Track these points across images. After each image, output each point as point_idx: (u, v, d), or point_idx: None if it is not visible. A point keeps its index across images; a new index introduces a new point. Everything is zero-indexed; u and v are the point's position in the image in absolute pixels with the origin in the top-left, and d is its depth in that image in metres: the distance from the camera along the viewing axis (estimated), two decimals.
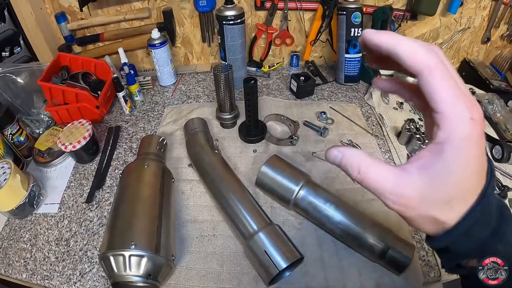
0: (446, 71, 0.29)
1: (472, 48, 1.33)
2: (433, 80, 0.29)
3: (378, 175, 0.32)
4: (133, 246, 0.57)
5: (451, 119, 0.29)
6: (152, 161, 0.78)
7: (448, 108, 0.29)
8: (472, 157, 0.30)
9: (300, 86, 1.12)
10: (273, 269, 0.60)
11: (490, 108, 1.09)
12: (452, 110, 0.29)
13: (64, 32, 1.17)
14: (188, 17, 1.19)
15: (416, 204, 0.31)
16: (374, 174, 0.32)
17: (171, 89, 1.23)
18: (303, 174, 0.75)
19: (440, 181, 0.30)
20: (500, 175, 0.88)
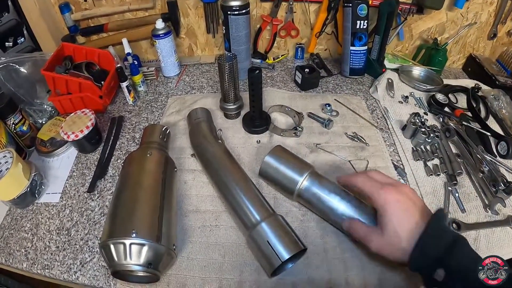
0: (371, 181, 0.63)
1: (478, 44, 1.32)
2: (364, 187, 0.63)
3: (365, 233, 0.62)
4: (134, 234, 0.57)
5: (374, 197, 0.60)
6: (154, 150, 0.77)
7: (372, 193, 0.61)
8: (395, 214, 0.57)
9: (305, 78, 1.11)
10: (275, 260, 0.59)
11: (496, 104, 1.08)
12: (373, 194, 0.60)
13: (68, 23, 1.17)
14: (193, 7, 1.18)
15: (381, 244, 0.58)
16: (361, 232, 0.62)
17: (175, 80, 1.22)
18: (307, 165, 0.74)
19: (385, 229, 0.57)
20: (505, 172, 0.87)
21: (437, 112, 1.04)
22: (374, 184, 0.61)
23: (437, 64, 1.23)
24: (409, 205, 0.58)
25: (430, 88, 1.13)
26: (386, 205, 0.58)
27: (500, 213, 0.77)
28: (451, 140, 0.94)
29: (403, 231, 0.55)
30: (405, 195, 0.59)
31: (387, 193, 0.59)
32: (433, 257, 0.52)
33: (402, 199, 0.58)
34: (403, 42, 1.31)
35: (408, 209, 0.57)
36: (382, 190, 0.59)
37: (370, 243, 0.60)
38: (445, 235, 0.54)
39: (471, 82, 1.21)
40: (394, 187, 0.60)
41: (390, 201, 0.58)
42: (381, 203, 0.59)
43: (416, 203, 0.59)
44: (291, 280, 0.64)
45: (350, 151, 0.90)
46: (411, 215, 0.57)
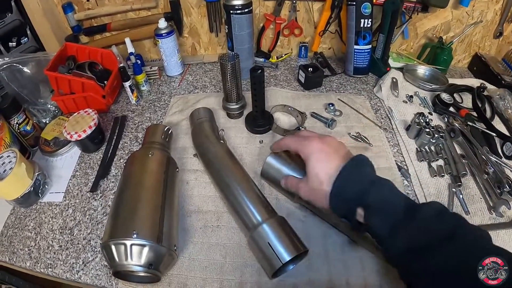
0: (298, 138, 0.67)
1: (484, 43, 1.30)
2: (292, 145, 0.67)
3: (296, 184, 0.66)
4: (135, 235, 0.57)
5: (300, 149, 0.64)
6: (156, 150, 0.77)
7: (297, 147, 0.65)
8: (317, 159, 0.61)
9: (308, 77, 1.11)
10: (276, 262, 0.59)
11: (502, 104, 1.07)
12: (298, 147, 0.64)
13: (71, 22, 1.17)
14: (196, 6, 1.17)
15: (307, 190, 0.63)
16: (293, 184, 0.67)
17: (178, 79, 1.22)
18: None
19: (310, 175, 0.61)
20: (510, 173, 0.86)
21: (442, 112, 1.03)
22: (300, 139, 0.65)
23: (442, 63, 1.22)
24: (330, 152, 0.61)
25: (435, 88, 1.12)
26: (310, 154, 0.62)
27: (505, 215, 0.76)
28: (455, 141, 0.93)
29: (324, 174, 0.59)
30: (328, 143, 0.63)
31: (310, 143, 0.63)
32: (350, 198, 0.56)
33: (325, 147, 0.62)
34: (407, 41, 1.29)
35: (329, 155, 0.61)
36: (306, 141, 0.64)
37: (300, 191, 0.65)
38: (362, 177, 0.58)
39: (476, 81, 1.19)
40: (318, 138, 0.64)
41: (313, 149, 0.62)
42: (306, 152, 0.62)
43: (339, 151, 0.62)
44: (292, 282, 0.64)
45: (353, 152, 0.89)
46: (331, 159, 0.60)
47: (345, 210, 0.58)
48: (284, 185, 0.70)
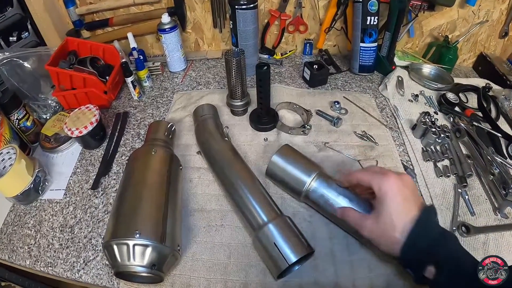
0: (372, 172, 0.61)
1: (490, 42, 1.29)
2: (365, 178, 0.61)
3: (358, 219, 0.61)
4: (137, 235, 0.56)
5: (375, 183, 0.58)
6: (159, 148, 0.76)
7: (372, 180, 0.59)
8: (395, 200, 0.55)
9: (313, 75, 1.09)
10: (282, 263, 0.58)
11: (507, 105, 1.07)
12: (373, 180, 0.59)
13: (73, 17, 1.16)
14: (199, 1, 1.16)
15: (374, 231, 0.58)
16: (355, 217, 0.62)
17: (181, 75, 1.21)
18: (315, 165, 0.72)
19: (380, 215, 0.56)
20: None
21: (447, 112, 1.02)
22: (375, 173, 0.60)
23: (448, 62, 1.21)
24: (408, 195, 0.57)
25: (440, 87, 1.11)
26: (386, 191, 0.57)
27: (510, 217, 0.76)
28: (461, 141, 0.92)
29: (399, 220, 0.55)
30: (406, 184, 0.58)
31: (390, 179, 0.57)
32: (423, 250, 0.53)
33: (403, 188, 0.57)
34: (413, 39, 1.28)
35: (408, 199, 0.56)
36: (384, 176, 0.58)
37: (363, 229, 0.60)
38: (434, 229, 0.55)
39: (482, 81, 1.19)
40: (395, 175, 0.58)
41: (392, 187, 0.57)
42: (383, 189, 0.57)
43: (415, 195, 0.58)
44: (298, 283, 0.63)
45: (359, 150, 0.89)
46: (409, 205, 0.56)
47: (415, 263, 0.55)
48: (340, 216, 0.65)
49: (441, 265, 0.51)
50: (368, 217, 0.59)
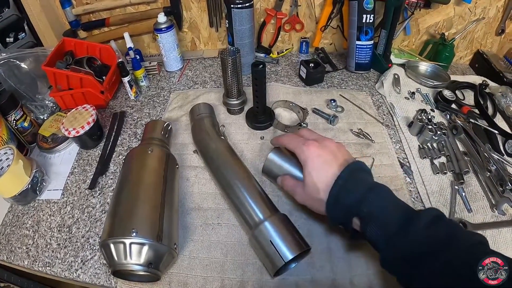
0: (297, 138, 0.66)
1: (486, 40, 1.30)
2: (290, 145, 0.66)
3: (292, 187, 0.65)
4: (134, 233, 0.56)
5: (298, 153, 0.63)
6: (156, 147, 0.76)
7: (295, 149, 0.64)
8: (314, 166, 0.59)
9: (309, 73, 1.10)
10: (278, 260, 0.58)
11: (503, 102, 1.07)
12: (296, 149, 0.63)
13: (69, 17, 1.15)
14: (196, 1, 1.16)
15: (304, 196, 0.62)
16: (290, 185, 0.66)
17: (178, 75, 1.21)
18: None
19: (306, 181, 0.60)
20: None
21: (444, 109, 1.02)
22: (299, 141, 0.64)
23: (444, 60, 1.21)
24: (328, 158, 0.60)
25: (437, 84, 1.11)
26: (307, 159, 0.61)
27: (507, 213, 0.76)
28: (458, 138, 0.92)
29: (320, 182, 0.58)
30: (327, 148, 0.61)
31: (309, 148, 0.61)
32: (346, 206, 0.55)
33: (322, 153, 0.60)
34: (409, 37, 1.29)
35: (327, 162, 0.59)
36: (304, 145, 0.62)
37: (295, 195, 0.65)
38: (359, 185, 0.56)
39: (478, 78, 1.19)
40: (316, 142, 0.62)
41: (311, 155, 0.60)
42: (303, 157, 0.61)
43: (337, 156, 0.61)
44: (295, 280, 0.63)
45: (355, 148, 0.89)
46: (329, 166, 0.59)
47: (342, 219, 0.57)
48: (280, 183, 0.69)
49: (364, 218, 0.54)
50: (299, 185, 0.63)
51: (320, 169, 0.59)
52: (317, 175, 0.59)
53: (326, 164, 0.59)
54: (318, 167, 0.59)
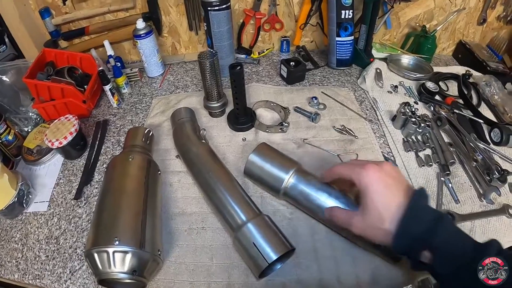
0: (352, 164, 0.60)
1: (468, 30, 1.30)
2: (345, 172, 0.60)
3: (346, 217, 0.60)
4: (117, 242, 0.56)
5: (355, 178, 0.57)
6: (137, 154, 0.76)
7: (352, 175, 0.58)
8: (377, 192, 0.54)
9: (290, 72, 1.10)
10: (262, 262, 0.58)
11: (488, 91, 1.08)
12: (353, 175, 0.58)
13: (49, 28, 1.15)
14: (174, 5, 1.16)
15: (363, 227, 0.56)
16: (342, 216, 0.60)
17: (159, 80, 1.20)
18: (293, 162, 0.72)
19: (366, 210, 0.55)
20: (499, 159, 0.86)
21: (427, 101, 1.03)
22: (355, 166, 0.59)
23: (427, 52, 1.22)
24: (390, 183, 0.55)
25: (419, 77, 1.11)
26: (368, 185, 0.55)
27: (496, 202, 0.76)
28: (442, 129, 0.93)
29: (385, 210, 0.53)
30: (387, 172, 0.56)
31: (368, 171, 0.55)
32: (416, 238, 0.51)
33: (383, 177, 0.55)
34: (390, 31, 1.29)
35: (390, 188, 0.55)
36: (362, 169, 0.56)
37: (352, 226, 0.58)
38: (427, 214, 0.52)
39: (461, 69, 1.19)
40: (375, 165, 0.57)
41: (371, 179, 0.55)
42: (363, 182, 0.56)
43: (399, 181, 0.56)
44: (281, 281, 0.63)
45: (338, 145, 0.89)
46: (393, 194, 0.54)
47: (409, 251, 0.53)
48: (327, 216, 0.64)
49: (436, 249, 0.50)
50: (355, 214, 0.58)
51: (384, 195, 0.54)
52: (382, 203, 0.54)
53: (389, 190, 0.54)
54: (382, 193, 0.54)
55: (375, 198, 0.54)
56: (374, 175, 0.55)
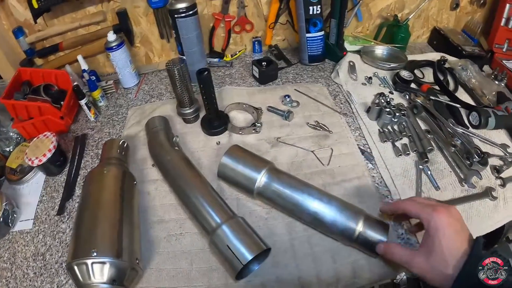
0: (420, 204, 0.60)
1: (441, 16, 1.31)
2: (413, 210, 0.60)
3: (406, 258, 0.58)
4: (94, 253, 0.57)
5: (424, 218, 0.57)
6: (112, 166, 0.77)
7: (421, 214, 0.58)
8: (447, 237, 0.53)
9: (262, 72, 1.11)
10: (237, 264, 0.59)
11: (464, 75, 1.08)
12: (423, 214, 0.58)
13: (24, 47, 1.15)
14: (143, 15, 1.16)
15: (426, 268, 0.55)
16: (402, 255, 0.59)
17: (135, 90, 1.21)
18: (264, 162, 0.74)
19: (432, 252, 0.54)
20: (479, 142, 0.87)
21: (402, 90, 1.04)
22: (425, 206, 0.59)
23: (401, 41, 1.23)
24: (459, 230, 0.55)
25: (394, 66, 1.12)
26: (438, 227, 0.55)
27: (478, 186, 0.77)
28: (419, 117, 0.93)
29: (451, 256, 0.53)
30: (456, 218, 0.56)
31: (440, 215, 0.55)
32: (475, 284, 0.50)
33: (454, 223, 0.55)
34: (362, 23, 1.30)
35: (459, 234, 0.55)
36: (434, 212, 0.56)
37: (412, 266, 0.58)
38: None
39: (437, 55, 1.20)
40: (445, 209, 0.57)
41: (443, 223, 0.55)
42: (433, 224, 0.55)
43: (464, 228, 0.56)
44: (260, 281, 0.64)
45: (313, 141, 0.90)
46: (460, 240, 0.54)
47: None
48: (382, 252, 0.63)
49: None
50: (417, 254, 0.57)
51: (454, 241, 0.54)
52: (449, 248, 0.54)
53: (458, 236, 0.54)
54: (451, 239, 0.54)
55: (444, 243, 0.54)
56: (446, 220, 0.55)
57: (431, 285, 0.56)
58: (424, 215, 0.57)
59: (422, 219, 0.58)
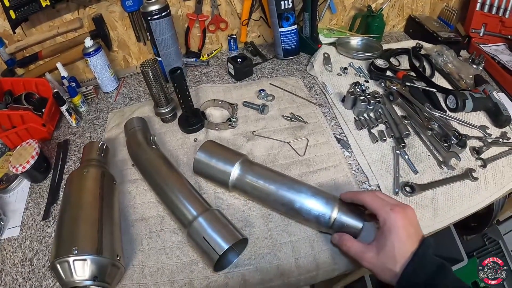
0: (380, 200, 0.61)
1: (416, 4, 1.33)
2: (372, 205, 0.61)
3: (358, 251, 0.61)
4: (75, 251, 0.59)
5: (382, 215, 0.59)
6: (92, 167, 0.79)
7: (379, 211, 0.60)
8: (399, 239, 0.56)
9: (237, 68, 1.12)
10: (214, 254, 0.61)
11: (440, 60, 1.10)
12: (380, 211, 0.59)
13: (4, 57, 1.16)
14: (119, 19, 1.17)
15: (375, 263, 0.58)
16: (354, 248, 0.62)
17: (114, 94, 1.22)
18: (238, 155, 0.75)
19: (383, 250, 0.57)
20: (457, 125, 0.88)
21: (378, 78, 1.05)
22: (384, 203, 0.61)
23: (376, 31, 1.24)
24: (412, 233, 0.58)
25: (369, 56, 1.14)
26: (392, 227, 0.57)
27: (457, 168, 0.79)
28: (395, 103, 0.95)
29: (400, 255, 0.56)
30: (411, 220, 0.59)
31: (396, 216, 0.58)
32: (419, 284, 0.54)
33: (407, 226, 0.58)
34: (336, 15, 1.31)
35: (410, 236, 0.57)
36: (392, 212, 0.58)
37: (363, 260, 0.60)
38: (430, 262, 0.56)
39: (412, 42, 1.22)
40: (402, 209, 0.59)
41: (398, 224, 0.57)
42: (388, 224, 0.58)
43: (417, 231, 0.59)
44: (240, 272, 0.66)
45: (288, 133, 0.92)
46: (411, 242, 0.57)
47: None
48: (337, 243, 0.66)
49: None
50: (369, 249, 0.60)
51: (405, 242, 0.57)
52: (400, 248, 0.56)
53: (410, 238, 0.57)
54: (403, 240, 0.57)
55: (396, 243, 0.56)
56: (401, 222, 0.57)
57: (381, 280, 0.59)
58: (382, 212, 0.59)
59: (378, 216, 0.60)
